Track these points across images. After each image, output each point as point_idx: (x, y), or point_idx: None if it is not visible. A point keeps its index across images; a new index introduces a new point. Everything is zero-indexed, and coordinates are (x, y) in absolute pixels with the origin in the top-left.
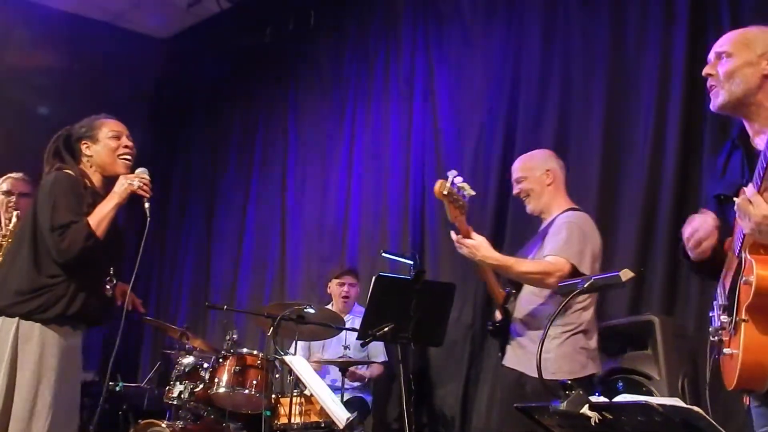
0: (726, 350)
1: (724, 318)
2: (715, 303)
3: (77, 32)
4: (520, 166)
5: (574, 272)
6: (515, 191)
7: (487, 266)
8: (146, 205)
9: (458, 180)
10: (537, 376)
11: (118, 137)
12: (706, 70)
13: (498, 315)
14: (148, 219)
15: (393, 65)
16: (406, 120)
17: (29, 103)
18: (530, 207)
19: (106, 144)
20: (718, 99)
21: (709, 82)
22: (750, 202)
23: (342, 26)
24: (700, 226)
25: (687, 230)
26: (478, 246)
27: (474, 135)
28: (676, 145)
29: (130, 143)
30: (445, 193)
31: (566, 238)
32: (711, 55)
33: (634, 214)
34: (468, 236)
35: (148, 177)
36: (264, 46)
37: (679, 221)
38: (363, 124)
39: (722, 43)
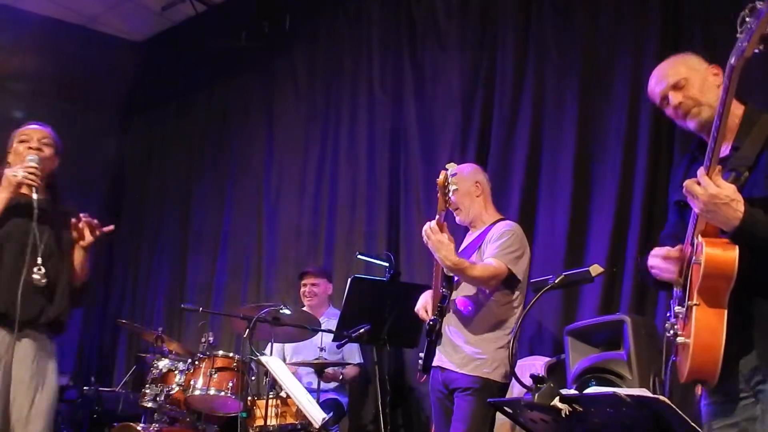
0: (680, 339)
1: (678, 308)
2: (672, 302)
3: (52, 36)
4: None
5: (510, 276)
6: None
7: (444, 264)
8: (34, 195)
9: (453, 175)
10: (472, 374)
11: (26, 141)
12: (676, 101)
13: (430, 314)
14: (35, 210)
15: (366, 67)
16: (381, 122)
17: (3, 106)
18: (460, 218)
19: (15, 149)
20: (701, 116)
21: (682, 109)
22: (698, 183)
23: (316, 29)
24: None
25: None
26: (445, 244)
27: (449, 139)
28: (647, 146)
29: (34, 145)
30: (446, 183)
31: (506, 244)
32: (666, 91)
33: (607, 215)
34: (441, 230)
35: (34, 164)
36: (239, 49)
37: (650, 223)
38: (338, 127)
39: (671, 75)
